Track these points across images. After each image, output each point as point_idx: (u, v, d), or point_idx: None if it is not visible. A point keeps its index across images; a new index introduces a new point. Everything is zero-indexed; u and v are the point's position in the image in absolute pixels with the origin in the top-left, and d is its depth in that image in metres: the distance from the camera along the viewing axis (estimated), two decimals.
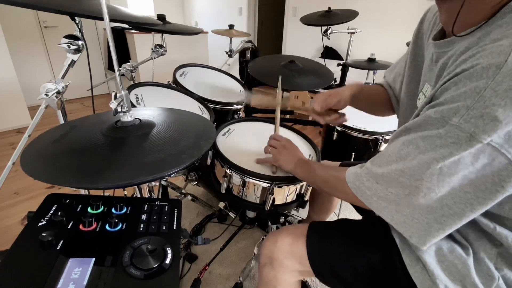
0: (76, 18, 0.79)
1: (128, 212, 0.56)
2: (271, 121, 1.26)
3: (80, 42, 0.80)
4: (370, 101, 0.87)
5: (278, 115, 0.99)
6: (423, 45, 0.65)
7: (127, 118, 0.61)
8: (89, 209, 0.54)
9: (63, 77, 0.82)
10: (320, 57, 3.31)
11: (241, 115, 1.44)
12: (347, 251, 0.65)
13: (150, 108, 0.76)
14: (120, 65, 1.37)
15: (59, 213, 0.51)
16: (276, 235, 0.72)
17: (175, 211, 0.57)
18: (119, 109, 0.59)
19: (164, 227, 0.53)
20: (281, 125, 1.24)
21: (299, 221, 1.38)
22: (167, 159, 0.50)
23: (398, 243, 0.60)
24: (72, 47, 0.79)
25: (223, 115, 1.35)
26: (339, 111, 0.87)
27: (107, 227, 0.51)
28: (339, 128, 1.28)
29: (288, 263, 0.68)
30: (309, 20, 1.92)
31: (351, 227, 0.71)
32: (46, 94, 0.78)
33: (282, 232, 0.72)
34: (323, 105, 0.83)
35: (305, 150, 1.08)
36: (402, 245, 0.59)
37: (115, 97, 0.58)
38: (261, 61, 1.64)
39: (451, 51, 0.50)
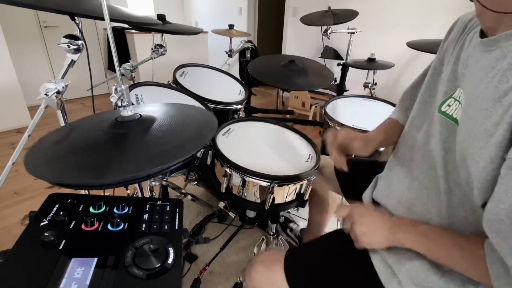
0: (76, 18, 0.79)
1: (130, 212, 0.56)
2: (271, 121, 1.26)
3: (80, 42, 0.80)
4: (389, 143, 0.86)
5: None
6: (445, 54, 0.63)
7: (127, 112, 0.61)
8: (91, 209, 0.54)
9: (63, 77, 0.82)
10: (320, 57, 3.31)
11: (241, 115, 1.44)
12: (325, 272, 0.66)
13: (150, 104, 0.76)
14: (120, 65, 1.37)
15: (61, 212, 0.51)
16: (250, 266, 0.73)
17: (177, 211, 0.57)
18: (119, 103, 0.59)
19: (166, 227, 0.53)
20: (281, 125, 1.25)
21: (301, 230, 1.38)
22: (172, 150, 0.50)
23: (373, 260, 0.62)
24: (72, 47, 0.79)
25: (223, 115, 1.35)
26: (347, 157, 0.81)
27: (109, 226, 0.51)
28: (339, 128, 1.29)
29: None
30: (309, 20, 1.92)
31: (329, 246, 0.72)
32: (46, 94, 0.78)
33: (256, 262, 0.73)
34: (346, 140, 0.78)
35: (305, 150, 1.09)
36: (376, 262, 0.62)
37: (115, 91, 0.58)
38: (261, 61, 1.64)
39: (496, 50, 0.46)
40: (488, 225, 0.43)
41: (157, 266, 0.45)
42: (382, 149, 1.26)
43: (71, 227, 0.50)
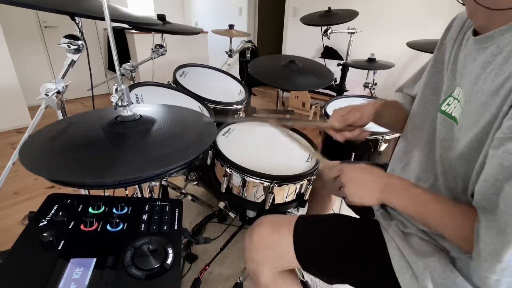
0: (76, 18, 0.78)
1: (129, 212, 0.56)
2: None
3: (80, 42, 0.80)
4: (394, 118, 0.80)
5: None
6: (445, 52, 0.63)
7: (127, 112, 0.61)
8: (90, 209, 0.54)
9: (63, 77, 0.82)
10: (320, 57, 3.31)
11: (241, 115, 1.44)
12: (336, 245, 0.66)
13: (149, 105, 0.76)
14: (120, 65, 1.37)
15: (60, 213, 0.51)
16: (253, 227, 0.71)
17: (176, 211, 0.57)
18: (119, 103, 0.59)
19: (165, 227, 0.53)
20: (281, 125, 1.24)
21: None
22: (173, 154, 0.51)
23: (388, 248, 0.61)
24: (72, 47, 0.79)
25: (223, 115, 1.35)
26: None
27: (108, 227, 0.51)
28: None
29: (266, 253, 0.68)
30: (309, 20, 1.91)
31: (344, 222, 0.71)
32: (46, 94, 0.78)
33: (261, 222, 0.71)
34: (342, 121, 0.74)
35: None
36: (392, 251, 0.61)
37: (116, 91, 0.58)
38: (261, 61, 1.64)
39: (491, 46, 0.47)
40: (478, 204, 0.44)
41: (156, 266, 0.45)
42: (382, 148, 1.26)
43: (70, 227, 0.50)
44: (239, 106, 1.37)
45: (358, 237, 0.67)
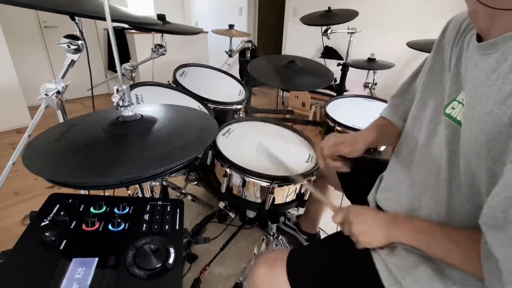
0: (76, 18, 0.78)
1: (130, 212, 0.56)
2: (271, 121, 1.26)
3: (80, 42, 0.80)
4: (387, 141, 0.85)
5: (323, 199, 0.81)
6: (443, 55, 0.63)
7: (128, 112, 0.61)
8: (91, 209, 0.54)
9: (63, 77, 0.82)
10: (320, 57, 3.31)
11: (241, 115, 1.44)
12: (328, 272, 0.66)
13: (150, 105, 0.77)
14: (120, 65, 1.37)
15: (62, 213, 0.51)
16: (252, 267, 0.73)
17: (177, 211, 0.57)
18: (120, 103, 0.60)
19: (166, 227, 0.53)
20: (281, 125, 1.25)
21: (297, 216, 1.39)
22: (174, 151, 0.51)
23: (376, 265, 0.62)
24: (72, 47, 0.79)
25: (223, 115, 1.35)
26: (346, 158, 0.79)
27: (110, 227, 0.51)
28: (339, 128, 1.29)
29: None
30: (309, 20, 1.92)
31: (333, 247, 0.72)
32: (46, 94, 0.78)
33: (258, 262, 0.73)
34: (332, 150, 0.77)
35: (305, 150, 1.09)
36: (380, 267, 0.61)
37: (117, 91, 0.59)
38: (261, 61, 1.64)
39: (496, 53, 0.46)
40: (483, 219, 0.44)
41: (157, 266, 0.45)
42: (382, 148, 1.26)
43: (72, 227, 0.50)
44: (239, 106, 1.37)
45: (349, 259, 0.67)
